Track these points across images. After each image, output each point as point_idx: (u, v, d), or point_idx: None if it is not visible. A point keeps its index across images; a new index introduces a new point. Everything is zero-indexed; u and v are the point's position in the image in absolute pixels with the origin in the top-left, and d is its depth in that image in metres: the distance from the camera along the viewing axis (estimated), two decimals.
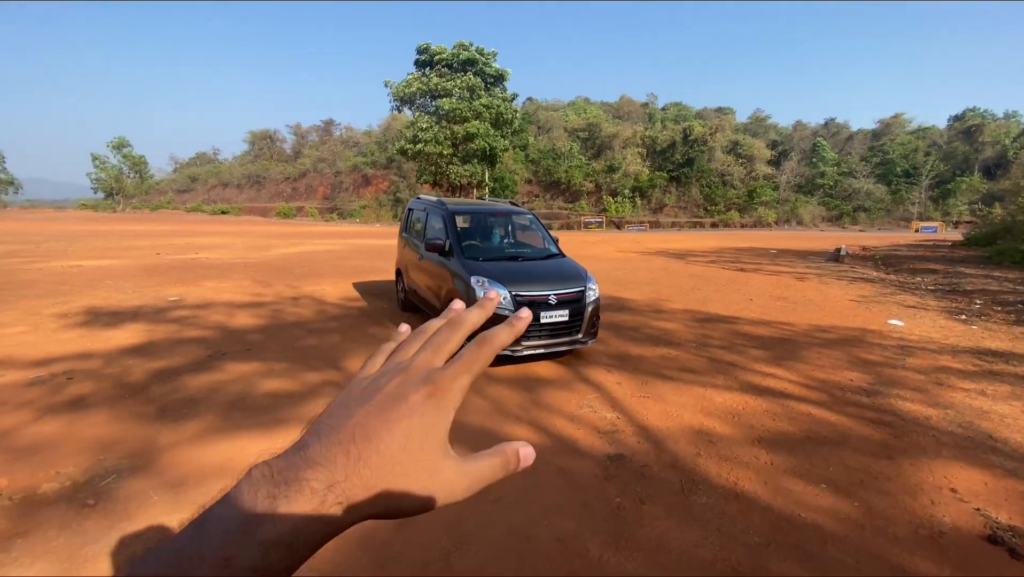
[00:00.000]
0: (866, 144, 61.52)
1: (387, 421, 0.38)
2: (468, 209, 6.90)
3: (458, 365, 0.41)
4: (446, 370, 0.41)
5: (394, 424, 0.38)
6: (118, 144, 63.76)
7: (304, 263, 14.00)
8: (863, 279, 12.63)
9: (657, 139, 57.91)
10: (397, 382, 0.40)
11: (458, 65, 38.72)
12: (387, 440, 0.37)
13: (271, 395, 4.54)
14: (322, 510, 0.34)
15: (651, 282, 11.47)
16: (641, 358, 5.80)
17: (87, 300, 8.33)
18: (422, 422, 0.38)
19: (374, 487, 0.36)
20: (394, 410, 0.38)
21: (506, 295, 5.09)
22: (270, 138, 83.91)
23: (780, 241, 27.56)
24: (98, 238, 22.16)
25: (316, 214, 59.30)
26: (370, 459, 0.36)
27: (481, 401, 4.44)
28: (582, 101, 78.39)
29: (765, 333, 7.13)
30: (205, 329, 6.75)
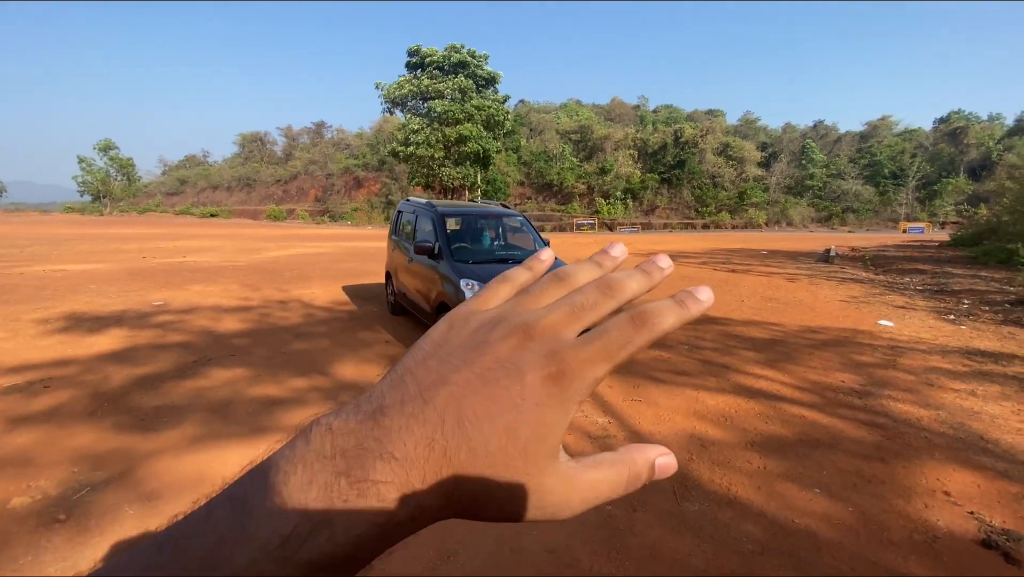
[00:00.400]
0: (854, 146, 62.22)
1: (490, 404, 0.28)
2: (458, 211, 6.82)
3: (598, 346, 0.30)
4: (582, 349, 0.30)
5: (498, 413, 0.28)
6: (105, 146, 62.98)
7: (293, 266, 13.86)
8: (852, 279, 12.69)
9: (648, 141, 58.19)
10: (514, 344, 0.30)
11: (449, 67, 38.63)
12: (486, 433, 0.28)
13: (256, 402, 4.43)
14: (387, 528, 0.26)
15: None
16: (632, 361, 5.74)
17: (69, 305, 8.16)
18: (536, 416, 0.28)
19: (451, 496, 0.27)
20: (503, 390, 0.28)
21: None
22: (260, 140, 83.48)
23: (771, 242, 27.72)
24: (84, 241, 21.86)
25: (307, 217, 58.96)
26: (458, 458, 0.27)
27: None
28: (574, 103, 78.66)
29: (757, 334, 7.11)
30: (190, 334, 6.62)
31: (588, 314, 0.32)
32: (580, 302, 0.32)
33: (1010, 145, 50.47)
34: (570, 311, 0.31)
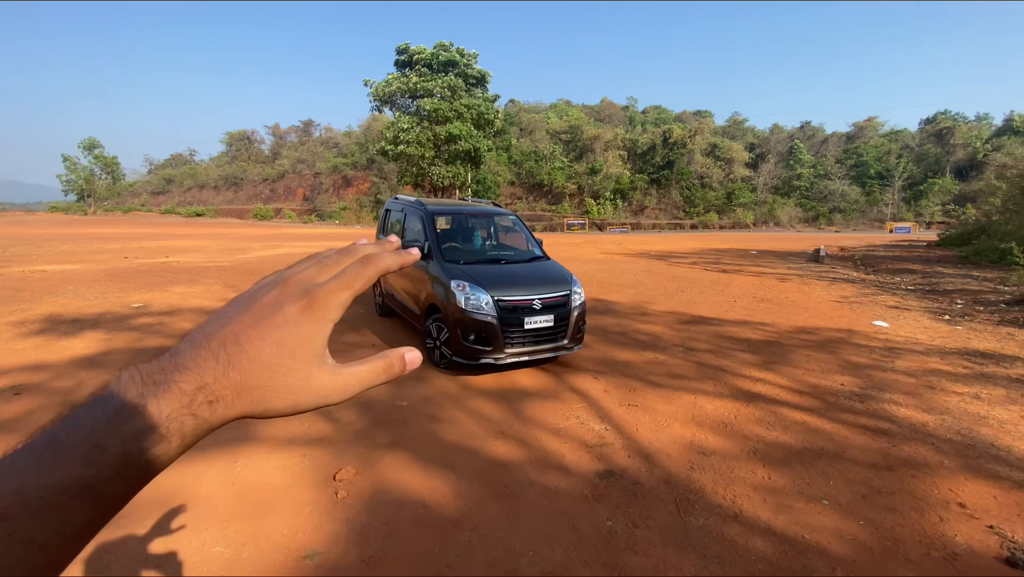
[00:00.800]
0: (841, 147, 62.67)
1: (260, 330, 0.39)
2: (448, 210, 6.62)
3: (338, 280, 0.42)
4: (325, 284, 0.42)
5: (267, 333, 0.39)
6: (89, 145, 61.81)
7: (280, 266, 13.28)
8: (844, 279, 12.66)
9: (638, 142, 58.21)
10: (275, 293, 0.41)
11: (438, 65, 38.20)
12: (258, 346, 0.38)
13: None
14: (192, 409, 0.36)
15: (635, 284, 11.31)
16: (628, 364, 5.59)
17: (46, 307, 7.85)
18: (296, 332, 0.40)
19: (242, 388, 0.38)
20: (268, 320, 0.39)
21: (488, 300, 4.83)
22: (248, 139, 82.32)
23: (760, 242, 27.78)
24: (66, 242, 21.33)
25: (294, 216, 58.29)
26: (240, 364, 0.38)
27: (461, 416, 4.17)
28: (563, 103, 78.62)
29: (751, 335, 6.99)
30: (169, 337, 6.36)
31: (332, 267, 0.44)
32: (324, 260, 0.45)
33: (998, 145, 51.08)
34: (318, 265, 0.44)
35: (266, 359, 0.38)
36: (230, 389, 0.37)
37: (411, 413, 4.16)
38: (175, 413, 0.35)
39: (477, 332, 4.80)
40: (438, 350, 5.24)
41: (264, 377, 0.38)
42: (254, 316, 0.39)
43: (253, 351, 0.38)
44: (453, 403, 4.40)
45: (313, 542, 2.59)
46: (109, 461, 0.33)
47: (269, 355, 0.39)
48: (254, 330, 0.39)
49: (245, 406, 0.38)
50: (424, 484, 3.13)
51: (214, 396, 0.36)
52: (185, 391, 0.36)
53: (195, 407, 0.36)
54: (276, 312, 0.40)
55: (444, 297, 5.07)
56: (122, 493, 0.34)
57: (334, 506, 2.89)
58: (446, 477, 3.21)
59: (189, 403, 0.35)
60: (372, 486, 3.10)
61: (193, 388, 0.36)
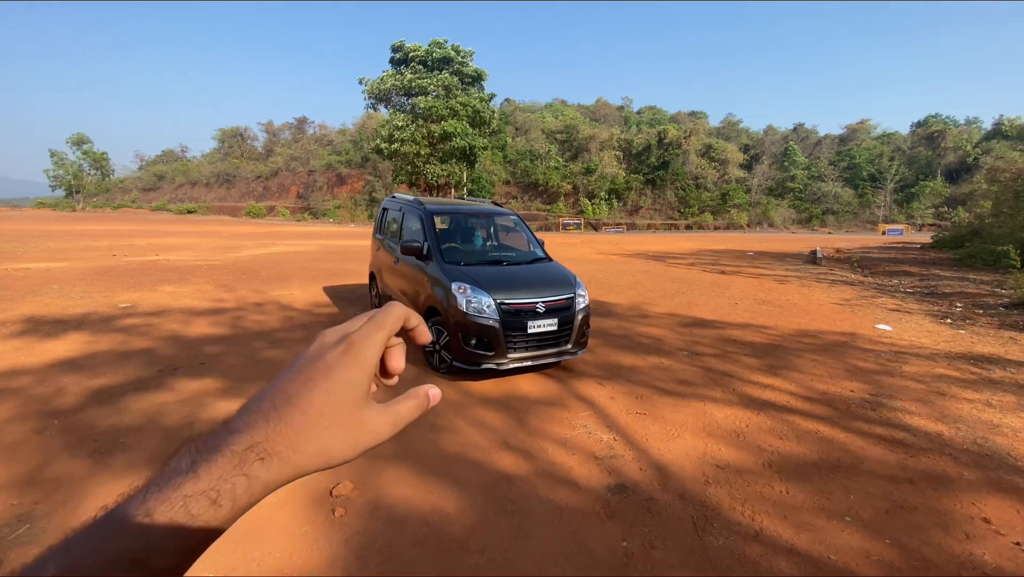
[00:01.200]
0: (834, 149, 62.94)
1: (307, 382, 0.41)
2: (448, 209, 6.44)
3: (370, 323, 0.46)
4: (360, 329, 0.45)
5: (314, 384, 0.41)
6: (78, 140, 60.96)
7: (272, 265, 13.32)
8: (842, 281, 12.60)
9: (633, 142, 58.20)
10: (315, 347, 0.44)
11: (433, 63, 37.90)
12: (308, 398, 0.40)
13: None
14: (243, 468, 0.36)
15: (634, 285, 11.18)
16: (633, 369, 5.44)
17: (28, 307, 7.60)
18: (341, 377, 0.42)
19: (298, 441, 0.39)
20: (312, 371, 0.42)
21: (491, 303, 4.67)
22: (241, 136, 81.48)
23: (755, 243, 27.78)
24: (52, 238, 20.93)
25: (288, 214, 57.78)
26: (292, 418, 0.39)
27: (462, 425, 4.01)
28: (559, 103, 78.48)
29: (755, 339, 6.87)
30: (157, 340, 6.14)
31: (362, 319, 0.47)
32: (357, 318, 0.48)
33: (988, 148, 51.52)
34: (351, 322, 0.48)
35: (318, 408, 0.40)
36: (284, 444, 0.38)
37: (412, 423, 3.99)
38: (226, 475, 0.36)
39: (479, 336, 4.63)
40: (438, 354, 5.07)
41: (321, 426, 0.40)
42: (298, 370, 0.42)
43: (304, 403, 0.40)
44: (455, 411, 4.23)
45: (309, 566, 2.42)
46: (159, 531, 0.34)
47: (321, 404, 0.40)
48: (301, 383, 0.41)
49: (305, 459, 0.39)
50: (426, 500, 2.97)
51: (266, 453, 0.37)
52: (236, 452, 0.37)
53: (246, 467, 0.37)
54: (318, 362, 0.42)
55: (444, 300, 4.90)
56: (172, 563, 0.35)
57: (331, 526, 2.72)
58: (449, 492, 3.05)
59: (239, 463, 0.36)
60: (371, 503, 2.92)
61: (244, 448, 0.37)
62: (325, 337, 0.45)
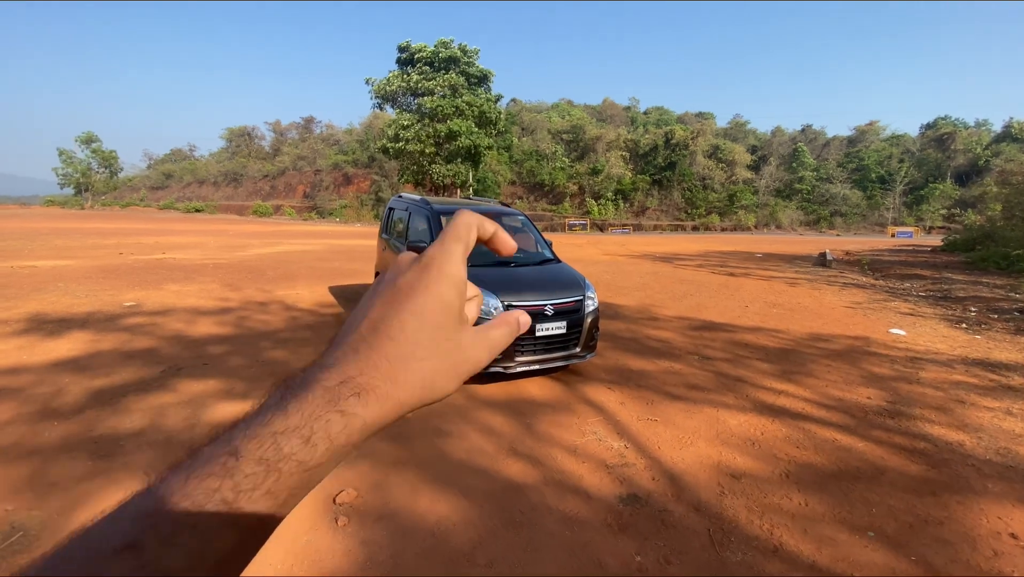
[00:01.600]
0: (842, 150, 62.52)
1: (392, 305, 0.37)
2: (454, 209, 6.35)
3: (445, 237, 0.40)
4: (434, 244, 0.40)
5: (400, 306, 0.37)
6: (86, 139, 61.35)
7: (278, 264, 13.28)
8: (854, 284, 12.43)
9: (640, 142, 57.99)
10: (392, 270, 0.41)
11: (440, 63, 37.88)
12: (397, 324, 0.36)
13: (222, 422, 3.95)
14: (337, 405, 0.33)
15: (642, 287, 11.06)
16: (643, 373, 5.33)
17: (33, 305, 7.57)
18: (428, 296, 0.37)
19: (396, 374, 0.35)
20: (394, 292, 0.38)
21: (497, 305, 4.57)
22: (248, 135, 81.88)
23: (763, 245, 27.56)
24: (60, 236, 21.00)
25: (294, 213, 57.93)
26: (384, 348, 0.35)
27: (468, 430, 3.92)
28: (565, 103, 78.28)
29: (767, 343, 6.75)
30: (160, 340, 6.09)
31: (444, 234, 0.42)
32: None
33: (997, 151, 51.02)
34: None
35: (410, 335, 0.36)
36: (381, 378, 0.34)
37: (417, 427, 3.90)
38: (318, 411, 0.32)
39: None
40: None
41: (418, 355, 0.36)
42: (382, 296, 0.38)
43: (394, 331, 0.36)
44: (461, 416, 4.14)
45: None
46: (247, 471, 0.30)
47: (413, 329, 0.36)
48: (387, 309, 0.37)
49: (406, 393, 0.35)
50: (432, 509, 2.87)
51: (360, 388, 0.34)
52: (328, 387, 0.33)
53: (341, 403, 0.33)
54: (399, 280, 0.38)
55: None
56: (265, 510, 0.31)
57: (333, 534, 2.63)
58: (456, 501, 2.95)
59: (333, 399, 0.33)
60: (376, 511, 2.84)
61: (336, 383, 0.33)
62: (400, 259, 0.41)
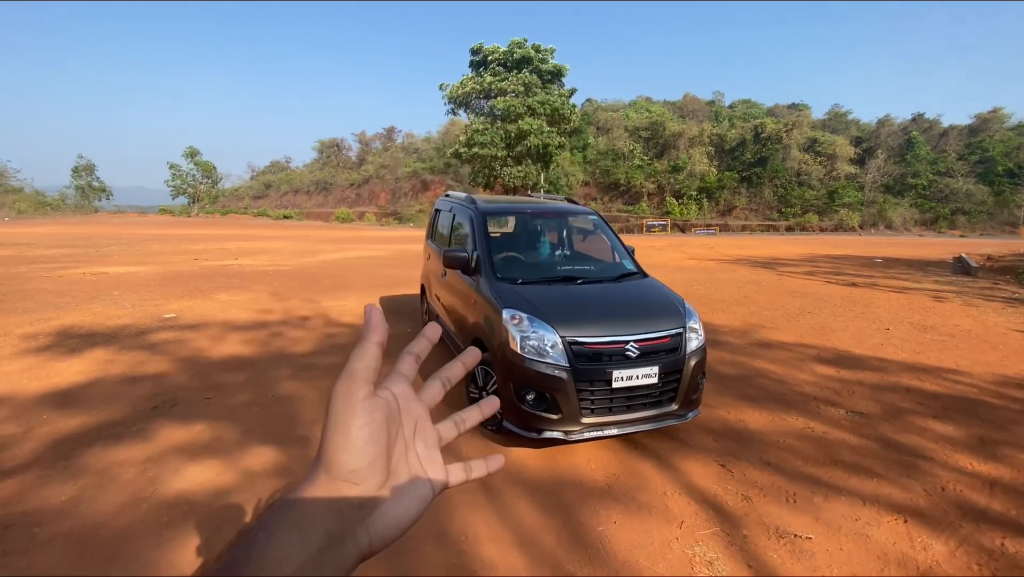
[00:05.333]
0: (962, 141, 54.68)
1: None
2: (506, 208, 5.08)
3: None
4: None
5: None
6: (190, 152, 67.02)
7: (339, 272, 12.69)
8: (1018, 300, 9.77)
9: (726, 137, 54.07)
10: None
11: (512, 64, 37.01)
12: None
13: (179, 498, 2.90)
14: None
15: (743, 300, 9.20)
16: (767, 439, 3.74)
17: (74, 316, 7.18)
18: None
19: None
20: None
21: (556, 341, 3.22)
22: (337, 146, 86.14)
23: (879, 248, 23.98)
24: (156, 242, 22.13)
25: (373, 219, 59.63)
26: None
27: (493, 538, 2.59)
28: (643, 100, 74.90)
29: (936, 388, 4.88)
30: (176, 362, 5.30)
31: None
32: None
33: None
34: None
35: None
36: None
37: (426, 524, 2.65)
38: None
39: (539, 390, 3.19)
40: None
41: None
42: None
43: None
44: (485, 507, 2.83)
45: None
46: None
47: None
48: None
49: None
50: None
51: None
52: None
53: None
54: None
55: (491, 332, 3.51)
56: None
57: None
58: None
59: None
60: None
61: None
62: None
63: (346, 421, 0.41)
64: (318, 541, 0.37)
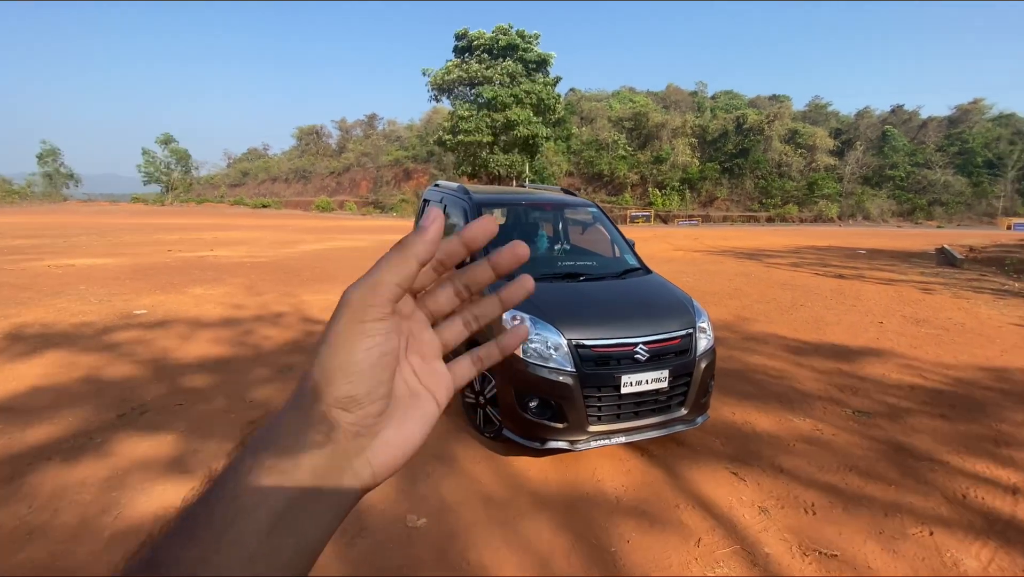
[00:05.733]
0: (941, 132, 55.67)
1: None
2: (501, 199, 4.81)
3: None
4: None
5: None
6: (165, 139, 65.07)
7: (318, 263, 12.30)
8: (1007, 292, 9.84)
9: (708, 128, 54.23)
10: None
11: (498, 50, 36.41)
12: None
13: (147, 522, 2.61)
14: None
15: (734, 293, 9.09)
16: (777, 444, 3.57)
17: (35, 313, 6.74)
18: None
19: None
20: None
21: (561, 344, 2.99)
22: (316, 133, 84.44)
23: (861, 239, 24.25)
24: (128, 232, 21.38)
25: (354, 208, 58.64)
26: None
27: (504, 559, 2.37)
28: (627, 91, 74.73)
29: (939, 385, 4.78)
30: (145, 363, 4.95)
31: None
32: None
33: None
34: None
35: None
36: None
37: (424, 546, 2.41)
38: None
39: (543, 397, 2.96)
40: (482, 410, 3.46)
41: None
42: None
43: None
44: (493, 524, 2.61)
45: None
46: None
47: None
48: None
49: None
50: None
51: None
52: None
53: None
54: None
55: (489, 333, 3.27)
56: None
57: None
58: None
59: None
60: None
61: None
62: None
63: (353, 339, 0.33)
64: (304, 479, 0.32)
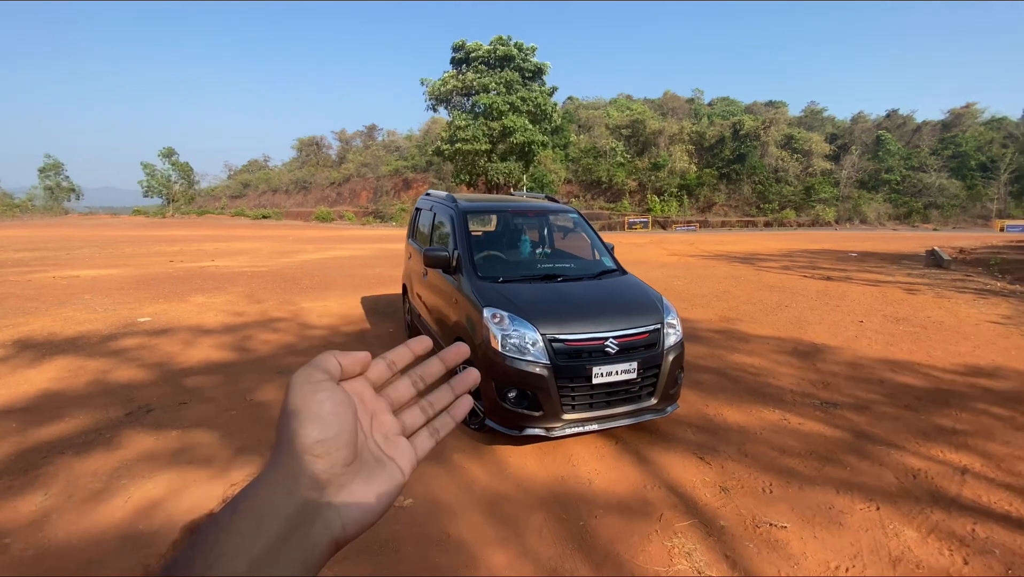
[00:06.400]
0: (935, 136, 56.09)
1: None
2: (486, 207, 5.06)
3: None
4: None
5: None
6: (166, 152, 65.57)
7: (318, 272, 12.54)
8: (988, 291, 10.07)
9: (705, 135, 54.65)
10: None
11: (495, 61, 36.92)
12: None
13: (154, 508, 2.84)
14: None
15: (722, 295, 9.33)
16: (745, 431, 3.80)
17: (40, 322, 6.98)
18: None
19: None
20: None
21: (537, 339, 3.23)
22: (317, 144, 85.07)
23: (854, 242, 24.49)
24: (130, 244, 21.64)
25: (353, 218, 59.02)
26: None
27: (489, 538, 2.58)
28: (624, 98, 75.36)
29: (910, 380, 5.00)
30: (146, 368, 5.18)
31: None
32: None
33: None
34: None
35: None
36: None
37: (411, 527, 2.63)
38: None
39: (520, 387, 3.20)
40: None
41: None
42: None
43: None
44: (478, 508, 2.83)
45: None
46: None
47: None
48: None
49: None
50: None
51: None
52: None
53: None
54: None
55: (473, 331, 3.51)
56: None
57: None
58: None
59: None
60: None
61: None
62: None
63: (307, 396, 0.39)
64: (278, 528, 0.35)
